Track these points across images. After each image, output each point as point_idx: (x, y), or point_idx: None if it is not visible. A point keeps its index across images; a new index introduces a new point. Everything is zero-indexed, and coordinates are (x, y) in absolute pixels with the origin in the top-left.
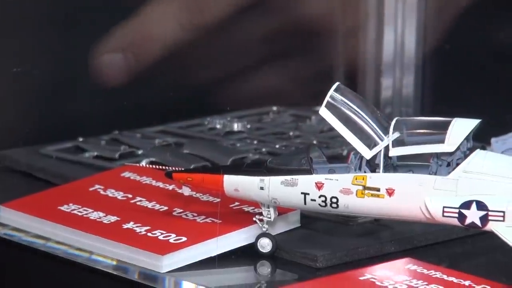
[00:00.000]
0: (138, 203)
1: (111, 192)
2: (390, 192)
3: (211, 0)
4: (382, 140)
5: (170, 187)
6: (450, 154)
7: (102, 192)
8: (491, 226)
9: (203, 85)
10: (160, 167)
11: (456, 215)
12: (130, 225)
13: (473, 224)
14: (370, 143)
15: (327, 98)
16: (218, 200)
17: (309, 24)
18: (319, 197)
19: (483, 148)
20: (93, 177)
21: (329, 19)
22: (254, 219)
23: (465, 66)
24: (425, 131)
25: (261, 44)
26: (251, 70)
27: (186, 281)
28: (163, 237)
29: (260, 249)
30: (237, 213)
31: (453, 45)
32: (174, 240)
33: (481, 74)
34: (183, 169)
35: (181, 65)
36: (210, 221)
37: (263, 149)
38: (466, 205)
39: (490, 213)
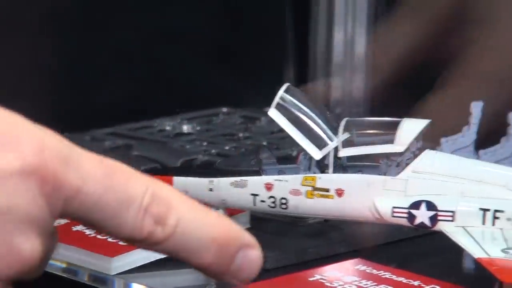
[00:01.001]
0: None
1: None
2: (340, 193)
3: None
4: (331, 141)
5: None
6: (400, 154)
7: None
8: (440, 226)
9: (153, 87)
10: None
11: (406, 215)
12: (79, 227)
13: (422, 224)
14: (319, 143)
15: (277, 99)
16: None
17: (259, 25)
18: (269, 198)
19: (433, 148)
20: None
21: (280, 20)
22: None
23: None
24: (374, 131)
25: (210, 45)
26: (201, 72)
27: (136, 283)
28: (113, 239)
29: None
30: None
31: None
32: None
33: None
34: None
35: (130, 68)
36: None
37: (213, 151)
38: (416, 205)
39: (439, 213)
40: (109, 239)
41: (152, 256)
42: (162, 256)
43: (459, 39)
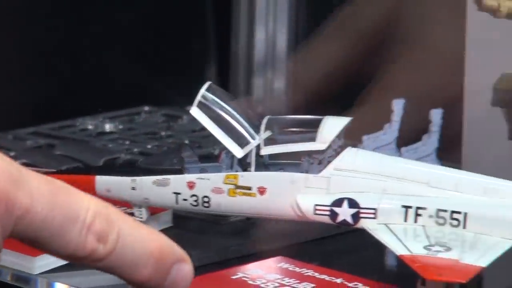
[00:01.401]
0: None
1: None
2: (262, 191)
3: None
4: (253, 139)
5: None
6: (322, 152)
7: None
8: (362, 224)
9: (75, 85)
10: (32, 168)
11: (328, 213)
12: None
13: (344, 221)
14: (241, 142)
15: (199, 97)
16: None
17: (180, 23)
18: (191, 196)
19: (354, 145)
20: None
21: (201, 19)
22: None
23: None
24: (296, 129)
25: (132, 44)
26: (122, 71)
27: (59, 282)
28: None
29: None
30: None
31: None
32: None
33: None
34: (55, 170)
35: (52, 66)
36: None
37: (135, 149)
38: (338, 202)
39: (361, 210)
40: None
41: None
42: None
43: (383, 57)
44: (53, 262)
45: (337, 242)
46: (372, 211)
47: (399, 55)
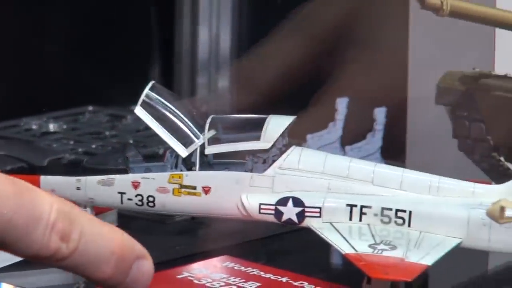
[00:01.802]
0: None
1: None
2: (207, 190)
3: None
4: (197, 139)
5: None
6: (266, 151)
7: None
8: (308, 222)
9: (19, 85)
10: None
11: (273, 212)
12: None
13: (290, 220)
14: (186, 141)
15: (142, 97)
16: None
17: (124, 23)
18: (136, 196)
19: (299, 144)
20: None
21: (145, 19)
22: None
23: None
24: (240, 128)
25: (76, 44)
26: (67, 71)
27: (5, 282)
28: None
29: None
30: None
31: None
32: None
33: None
34: None
35: None
36: None
37: (80, 149)
38: (283, 201)
39: (306, 209)
40: None
41: None
42: None
43: (338, 58)
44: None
45: (283, 241)
46: (317, 209)
47: (350, 57)
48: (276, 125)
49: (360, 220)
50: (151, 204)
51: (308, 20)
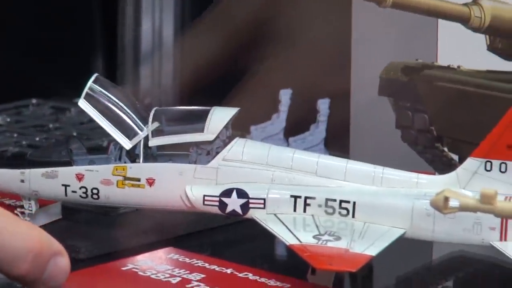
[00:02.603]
0: None
1: None
2: (151, 182)
3: None
4: (141, 131)
5: None
6: (210, 142)
7: None
8: (252, 214)
9: None
10: None
11: (217, 203)
12: None
13: (234, 212)
14: (129, 133)
15: (86, 89)
16: None
17: (67, 15)
18: (80, 188)
19: (242, 136)
20: None
21: (88, 11)
22: (15, 212)
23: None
24: (184, 120)
25: (19, 36)
26: (10, 63)
27: None
28: None
29: None
30: None
31: None
32: None
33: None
34: None
35: None
36: None
37: (23, 142)
38: (227, 193)
39: (250, 200)
40: None
41: None
42: None
43: (257, 53)
44: None
45: (227, 232)
46: (261, 201)
47: (282, 49)
48: (220, 117)
49: (305, 211)
50: (95, 196)
51: (228, 13)
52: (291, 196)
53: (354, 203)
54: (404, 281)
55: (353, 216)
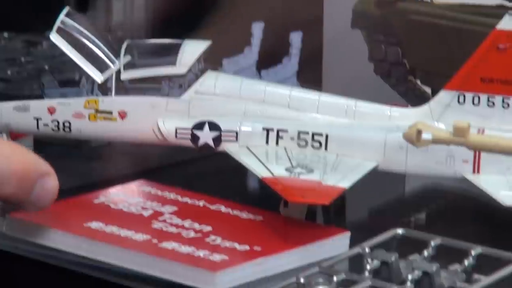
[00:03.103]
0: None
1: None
2: (123, 115)
3: None
4: (113, 64)
5: None
6: (182, 76)
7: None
8: (224, 147)
9: None
10: None
11: (189, 136)
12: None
13: (206, 145)
14: (101, 67)
15: (58, 23)
16: None
17: None
18: (52, 121)
19: (215, 69)
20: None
21: None
22: None
23: None
24: (156, 53)
25: None
26: None
27: None
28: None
29: None
30: None
31: None
32: None
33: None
34: None
35: None
36: None
37: None
38: (199, 126)
39: (222, 133)
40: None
41: None
42: None
43: None
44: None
45: (199, 165)
46: (233, 134)
47: None
48: (191, 50)
49: (277, 144)
50: (67, 129)
51: None
52: (264, 129)
53: (327, 135)
54: (376, 213)
55: (325, 149)
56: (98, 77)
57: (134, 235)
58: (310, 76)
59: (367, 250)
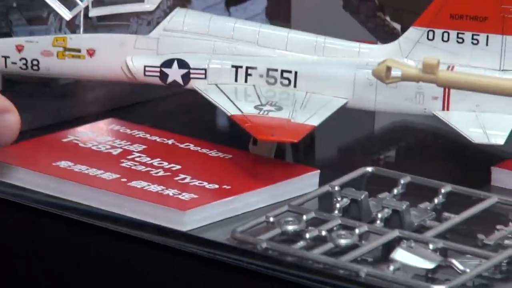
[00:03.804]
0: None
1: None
2: (91, 53)
3: None
4: (81, 1)
5: None
6: (150, 12)
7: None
8: (193, 84)
9: None
10: None
11: (158, 74)
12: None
13: (175, 82)
14: (69, 4)
15: None
16: None
17: None
18: (20, 60)
19: (183, 6)
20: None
21: None
22: None
23: None
24: None
25: None
26: None
27: None
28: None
29: None
30: None
31: None
32: None
33: None
34: None
35: None
36: None
37: None
38: (168, 63)
39: (191, 71)
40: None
41: None
42: None
43: None
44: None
45: (168, 103)
46: (202, 71)
47: None
48: None
49: (246, 81)
50: (35, 67)
51: None
52: (233, 66)
53: (296, 72)
54: (346, 151)
55: (294, 86)
56: (66, 15)
57: (103, 174)
58: (279, 12)
59: (336, 188)
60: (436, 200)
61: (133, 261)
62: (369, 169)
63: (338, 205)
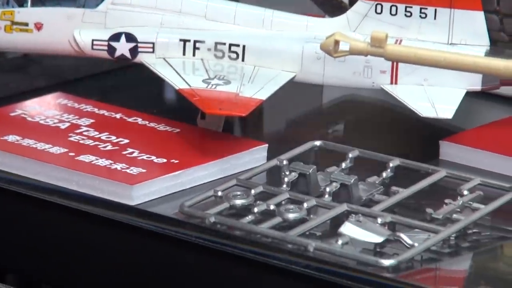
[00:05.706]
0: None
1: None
2: (39, 27)
3: None
4: None
5: None
6: None
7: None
8: (141, 58)
9: None
10: None
11: (106, 47)
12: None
13: (123, 56)
14: None
15: None
16: None
17: None
18: None
19: None
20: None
21: None
22: None
23: None
24: None
25: None
26: None
27: None
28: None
29: None
30: None
31: None
32: None
33: None
34: None
35: None
36: None
37: None
38: (115, 37)
39: (139, 44)
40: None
41: None
42: None
43: None
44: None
45: (116, 77)
46: (150, 45)
47: None
48: None
49: (194, 55)
50: None
51: None
52: (180, 40)
53: (244, 46)
54: (294, 125)
55: (242, 60)
56: None
57: (51, 148)
58: None
59: (284, 162)
60: (384, 174)
61: (81, 235)
62: (317, 143)
63: (286, 179)
